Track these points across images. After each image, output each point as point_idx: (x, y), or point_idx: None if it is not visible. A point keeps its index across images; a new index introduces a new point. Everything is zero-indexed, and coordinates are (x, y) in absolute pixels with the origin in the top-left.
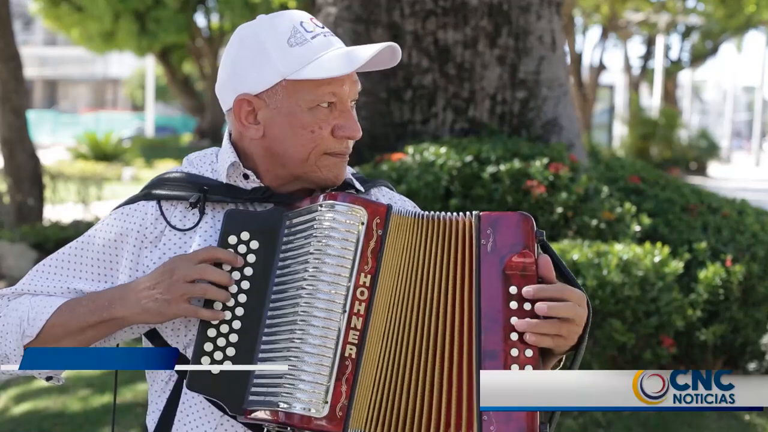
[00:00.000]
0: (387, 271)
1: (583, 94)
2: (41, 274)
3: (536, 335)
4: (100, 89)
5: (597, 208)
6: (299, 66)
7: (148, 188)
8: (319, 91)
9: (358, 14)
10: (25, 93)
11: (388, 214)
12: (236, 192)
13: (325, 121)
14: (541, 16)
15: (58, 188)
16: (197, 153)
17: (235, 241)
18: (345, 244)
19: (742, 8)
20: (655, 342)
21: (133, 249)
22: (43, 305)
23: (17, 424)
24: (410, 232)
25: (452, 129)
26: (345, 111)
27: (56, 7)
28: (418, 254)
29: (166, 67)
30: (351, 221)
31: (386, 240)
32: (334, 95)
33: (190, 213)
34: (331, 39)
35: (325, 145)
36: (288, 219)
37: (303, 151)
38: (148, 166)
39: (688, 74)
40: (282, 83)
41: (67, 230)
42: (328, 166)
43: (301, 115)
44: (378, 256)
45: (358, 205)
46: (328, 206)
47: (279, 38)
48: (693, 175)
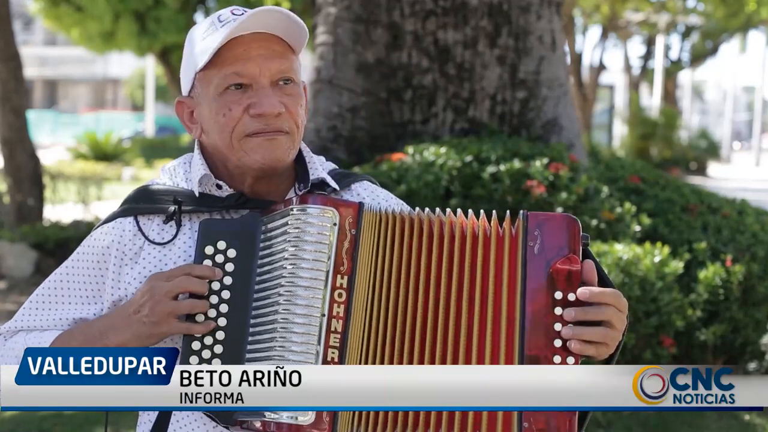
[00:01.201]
0: (366, 270)
1: (583, 94)
2: (33, 309)
3: (581, 343)
4: (100, 89)
5: (597, 208)
6: (205, 58)
7: (124, 204)
8: (221, 74)
9: (358, 14)
10: (25, 93)
11: (360, 212)
12: (211, 201)
13: (235, 102)
14: (541, 16)
15: (58, 188)
16: (173, 162)
17: (212, 251)
18: (319, 246)
19: (743, 8)
20: (655, 342)
21: (114, 267)
22: (37, 341)
23: (17, 424)
24: (394, 230)
25: (452, 129)
26: (260, 89)
27: (56, 7)
28: (407, 252)
29: (166, 67)
30: (323, 223)
31: (360, 239)
32: (240, 75)
33: (168, 226)
34: (241, 18)
35: (243, 126)
36: (263, 224)
37: (224, 137)
38: (148, 166)
39: (688, 74)
40: (197, 76)
41: (67, 230)
42: (253, 148)
43: (215, 102)
44: (353, 256)
45: (329, 206)
46: (299, 209)
47: (198, 35)
48: (693, 175)
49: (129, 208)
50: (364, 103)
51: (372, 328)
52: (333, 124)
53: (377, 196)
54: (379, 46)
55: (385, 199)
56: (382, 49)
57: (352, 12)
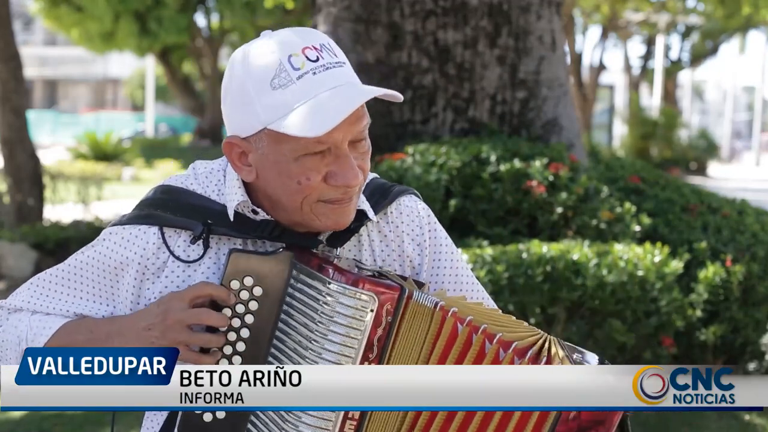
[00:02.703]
0: (394, 360)
1: (583, 94)
2: (41, 290)
3: None
4: (100, 89)
5: (597, 208)
6: (279, 115)
7: (149, 206)
8: (302, 141)
9: (358, 14)
10: (25, 93)
11: (401, 299)
12: (243, 225)
13: (314, 170)
14: (541, 16)
15: (58, 188)
16: (205, 165)
17: (237, 286)
18: (350, 331)
19: (741, 8)
20: (655, 342)
21: (134, 281)
22: (41, 326)
23: (17, 424)
24: (428, 328)
25: (452, 129)
26: (340, 156)
27: (56, 7)
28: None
29: (166, 67)
30: (359, 307)
31: (395, 328)
32: (323, 143)
33: (195, 245)
34: (322, 77)
35: (318, 193)
36: (296, 269)
37: (294, 200)
38: (148, 166)
39: (688, 74)
40: (264, 131)
41: (67, 230)
42: (325, 213)
43: (288, 165)
44: (385, 344)
45: (367, 291)
46: (338, 289)
47: (262, 78)
48: (693, 175)
49: (155, 216)
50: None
51: (392, 423)
52: None
53: (417, 216)
54: (379, 46)
55: (427, 216)
56: (382, 49)
57: (352, 12)
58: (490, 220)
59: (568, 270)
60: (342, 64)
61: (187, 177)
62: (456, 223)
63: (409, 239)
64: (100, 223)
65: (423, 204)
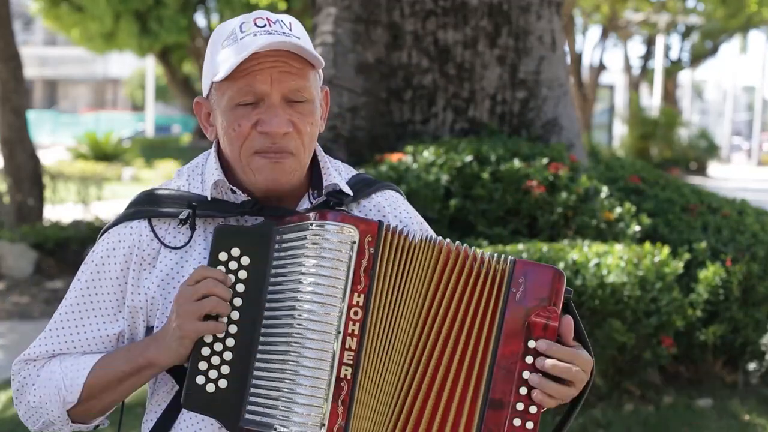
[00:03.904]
0: (383, 290)
1: (583, 94)
2: (59, 331)
3: (543, 394)
4: (100, 89)
5: (597, 208)
6: (219, 68)
7: (135, 206)
8: (235, 87)
9: (358, 14)
10: (25, 93)
11: (380, 231)
12: (225, 206)
13: (245, 117)
14: (541, 16)
15: (58, 188)
16: (188, 164)
17: (225, 257)
18: (336, 264)
19: (743, 8)
20: (655, 342)
21: (134, 273)
22: (76, 368)
23: (17, 424)
24: (416, 255)
25: (452, 129)
26: (270, 107)
27: (56, 7)
28: (426, 279)
29: (166, 67)
30: (342, 240)
31: (378, 258)
32: (253, 93)
33: (182, 230)
34: (261, 38)
35: (250, 142)
36: (278, 234)
37: (234, 150)
38: (148, 166)
39: (688, 74)
40: (213, 85)
41: (67, 230)
42: (260, 168)
43: (226, 114)
44: (371, 274)
45: (348, 224)
46: (318, 225)
47: (217, 41)
48: (693, 175)
49: (141, 211)
50: (364, 103)
51: (391, 350)
52: (333, 124)
53: (397, 207)
54: (379, 46)
55: (406, 211)
56: (382, 49)
57: (352, 12)
58: (490, 220)
59: (568, 270)
60: (289, 35)
61: (170, 181)
62: (456, 223)
63: (392, 216)
64: (100, 223)
65: (407, 202)
